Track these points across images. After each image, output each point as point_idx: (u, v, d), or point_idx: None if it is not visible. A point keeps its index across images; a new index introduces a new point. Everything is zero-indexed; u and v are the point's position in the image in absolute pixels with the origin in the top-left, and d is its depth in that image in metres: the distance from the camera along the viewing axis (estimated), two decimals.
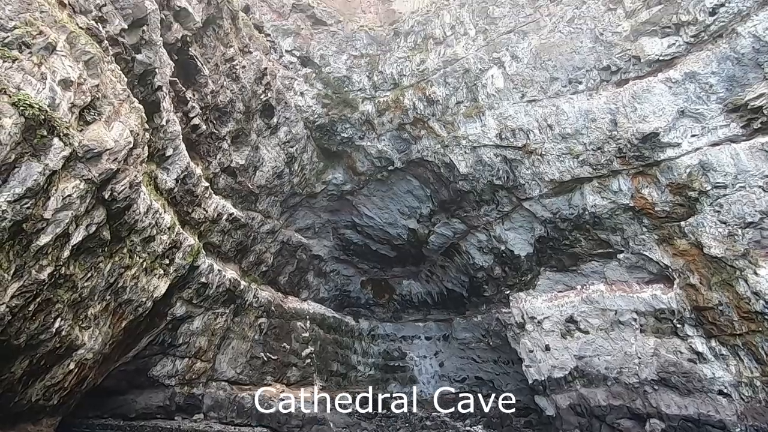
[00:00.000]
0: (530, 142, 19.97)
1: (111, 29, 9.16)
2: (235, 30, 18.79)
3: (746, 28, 13.42)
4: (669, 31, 15.42)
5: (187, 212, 18.57)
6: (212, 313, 23.50)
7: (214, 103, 18.06)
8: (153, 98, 12.06)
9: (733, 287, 14.48)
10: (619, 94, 16.89)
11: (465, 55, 22.55)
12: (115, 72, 9.11)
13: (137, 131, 9.74)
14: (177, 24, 13.11)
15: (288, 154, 25.60)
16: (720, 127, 14.38)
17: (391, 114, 25.49)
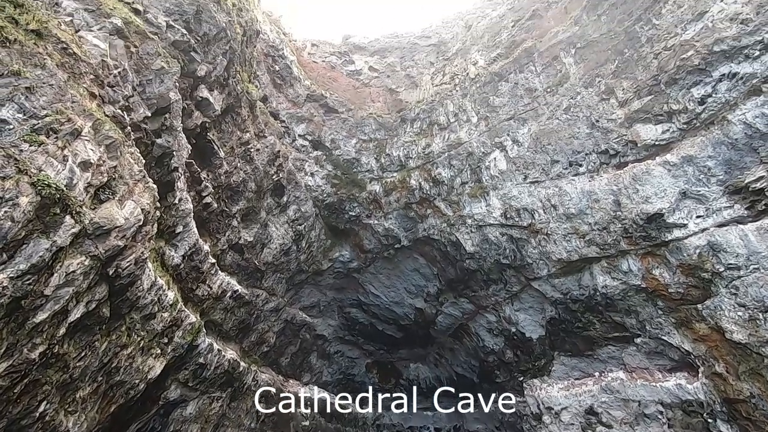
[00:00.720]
0: (535, 221, 20.12)
1: (135, 116, 9.91)
2: (252, 117, 20.18)
3: (736, 115, 14.05)
4: (662, 119, 16.19)
5: (191, 289, 18.43)
6: (208, 398, 22.20)
7: (227, 183, 18.79)
8: (168, 178, 12.62)
9: (764, 377, 13.44)
10: (620, 176, 17.29)
11: (468, 139, 23.70)
12: (134, 155, 9.67)
13: (148, 209, 10.06)
14: (198, 112, 14.18)
15: (296, 232, 25.99)
16: (724, 209, 14.43)
17: (398, 194, 26.22)
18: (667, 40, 16.11)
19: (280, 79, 25.25)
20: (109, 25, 8.93)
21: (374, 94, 29.18)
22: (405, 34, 31.31)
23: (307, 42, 29.65)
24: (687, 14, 15.65)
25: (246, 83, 18.69)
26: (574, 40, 20.39)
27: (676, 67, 15.55)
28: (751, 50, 13.59)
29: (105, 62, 8.61)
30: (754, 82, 13.62)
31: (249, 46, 18.66)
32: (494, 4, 28.70)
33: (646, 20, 17.22)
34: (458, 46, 28.34)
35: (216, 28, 13.52)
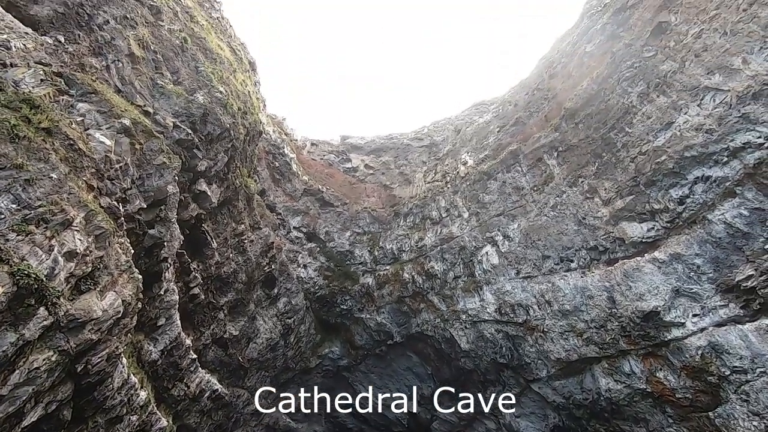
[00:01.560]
0: (531, 318, 19.61)
1: (131, 208, 10.14)
2: (249, 209, 20.69)
3: (716, 216, 14.54)
4: (645, 217, 16.71)
5: (166, 388, 17.11)
6: None
7: (218, 274, 18.57)
8: (156, 269, 12.48)
9: None
10: (612, 272, 17.30)
11: (460, 233, 24.12)
12: (123, 245, 9.68)
13: (130, 301, 9.76)
14: (195, 204, 14.56)
15: (285, 325, 25.06)
16: (720, 307, 14.21)
17: (391, 287, 25.89)
18: (641, 146, 17.31)
19: (279, 174, 26.43)
20: (117, 124, 9.59)
21: (369, 189, 30.37)
22: (399, 135, 33.64)
23: (307, 141, 31.66)
24: (656, 124, 17.05)
25: (245, 178, 19.49)
26: (555, 144, 21.87)
27: (652, 170, 16.50)
28: (719, 156, 14.56)
29: (108, 157, 9.07)
30: (727, 185, 14.35)
31: (251, 145, 19.84)
32: (480, 111, 31.36)
33: (619, 128, 18.68)
34: (449, 147, 30.28)
35: (220, 128, 14.53)
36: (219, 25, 19.86)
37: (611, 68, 19.58)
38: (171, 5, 14.53)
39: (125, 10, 12.18)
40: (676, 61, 16.54)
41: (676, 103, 16.24)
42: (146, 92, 11.79)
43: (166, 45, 13.17)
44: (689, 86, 15.88)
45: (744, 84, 14.06)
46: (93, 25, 10.82)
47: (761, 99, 13.67)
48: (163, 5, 14.22)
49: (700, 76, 15.45)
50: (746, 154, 13.86)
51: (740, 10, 14.63)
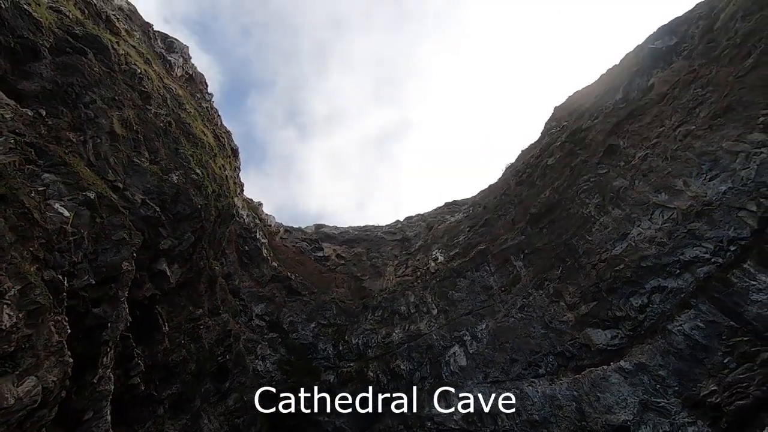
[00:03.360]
0: (498, 428, 18.36)
1: (77, 283, 9.53)
2: (210, 293, 19.82)
3: (674, 326, 14.78)
4: (609, 324, 16.82)
5: None
6: None
7: (164, 362, 17.05)
8: (94, 352, 11.37)
9: None
10: (579, 381, 16.82)
11: (428, 331, 23.48)
12: (59, 323, 8.90)
13: (52, 389, 8.68)
14: (150, 284, 13.86)
15: (232, 426, 22.50)
16: (688, 425, 13.71)
17: (353, 386, 24.19)
18: (601, 254, 18.09)
19: (248, 259, 25.93)
20: (81, 197, 9.45)
21: (339, 279, 29.92)
22: (373, 228, 34.26)
23: (281, 227, 31.77)
24: (613, 234, 18.05)
25: (211, 260, 19.00)
26: (522, 247, 22.63)
27: (612, 277, 17.05)
28: (671, 268, 15.27)
29: (63, 229, 8.76)
30: (682, 296, 14.85)
31: (221, 227, 19.71)
32: (452, 211, 32.69)
33: (580, 236, 19.65)
34: (420, 242, 30.85)
35: (191, 209, 14.49)
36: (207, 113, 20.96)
37: (570, 180, 21.20)
38: (162, 92, 15.40)
39: (115, 93, 12.79)
40: (627, 179, 18.12)
41: (630, 216, 17.42)
42: (120, 168, 11.87)
43: (149, 127, 13.66)
44: (640, 201, 17.20)
45: (687, 203, 15.34)
46: (79, 103, 11.23)
47: (704, 218, 14.84)
48: (154, 92, 15.06)
49: (649, 194, 16.84)
50: (696, 267, 14.60)
51: (677, 140, 16.57)
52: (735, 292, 13.38)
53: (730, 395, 13.07)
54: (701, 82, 16.72)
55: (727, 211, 14.21)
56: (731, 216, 14.17)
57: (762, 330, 12.82)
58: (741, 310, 13.16)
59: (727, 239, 14.13)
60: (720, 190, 14.54)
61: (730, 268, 13.68)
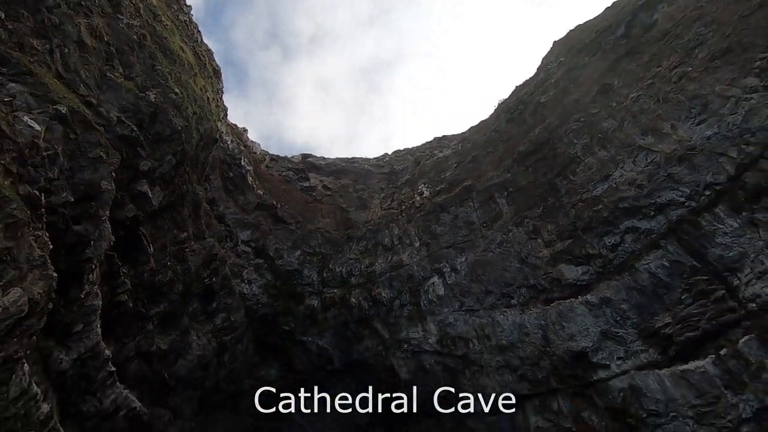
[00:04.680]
0: (470, 351, 19.80)
1: (55, 200, 9.44)
2: (195, 217, 19.90)
3: (642, 265, 15.57)
4: (581, 261, 17.61)
5: (75, 403, 15.59)
6: None
7: (151, 282, 17.53)
8: (78, 269, 11.58)
9: None
10: (548, 311, 17.93)
11: (410, 262, 24.31)
12: (40, 238, 8.94)
13: (38, 300, 8.94)
14: (132, 205, 13.80)
15: (220, 343, 23.78)
16: (641, 352, 14.99)
17: (336, 311, 25.43)
18: (582, 194, 18.44)
19: (233, 186, 25.77)
20: (52, 110, 9.03)
21: (325, 210, 30.17)
22: (361, 160, 33.97)
23: (267, 155, 31.27)
24: (596, 175, 18.28)
25: (194, 184, 18.85)
26: (506, 185, 22.86)
27: (589, 217, 17.55)
28: (647, 210, 15.74)
29: (35, 143, 8.47)
30: (653, 237, 15.47)
31: (204, 151, 19.31)
32: (441, 146, 32.39)
33: (564, 176, 19.85)
34: (407, 177, 30.87)
35: (170, 130, 14.05)
36: (185, 28, 19.57)
37: (561, 119, 20.95)
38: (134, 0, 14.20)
39: None
40: (616, 120, 17.98)
41: (614, 158, 17.53)
42: (92, 83, 11.26)
43: (121, 39, 12.76)
44: (626, 144, 17.23)
45: (671, 147, 15.44)
46: (41, 6, 10.31)
47: (685, 162, 15.03)
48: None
49: (635, 136, 16.84)
50: (670, 210, 15.07)
51: (671, 81, 16.25)
52: (702, 234, 13.99)
53: (682, 327, 14.18)
54: (705, 20, 16.07)
55: (709, 157, 14.39)
56: (712, 161, 14.38)
57: (721, 270, 13.61)
58: (705, 251, 13.85)
59: (704, 184, 14.46)
60: (705, 135, 14.60)
61: (702, 211, 14.16)
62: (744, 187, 13.49)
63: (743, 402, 12.60)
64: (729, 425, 12.90)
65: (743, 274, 13.16)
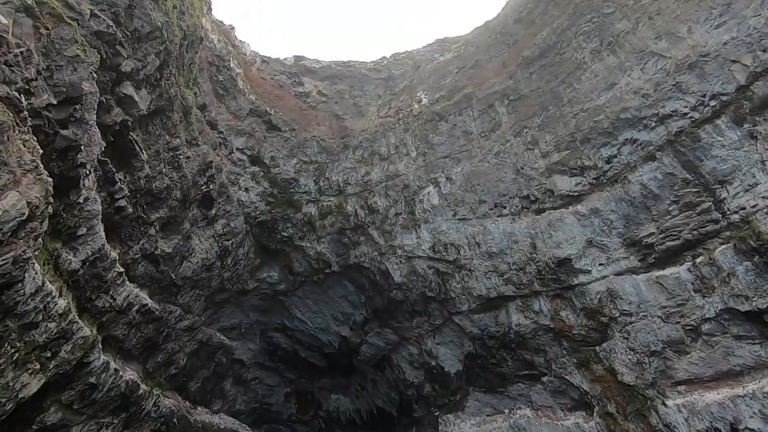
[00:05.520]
0: (461, 257, 20.80)
1: (36, 102, 9.10)
2: (186, 123, 19.40)
3: (635, 176, 15.69)
4: (575, 172, 17.69)
5: (89, 298, 16.74)
6: (95, 423, 19.82)
7: (148, 188, 17.68)
8: (72, 174, 11.60)
9: (647, 418, 14.49)
10: (538, 221, 18.48)
11: (405, 172, 24.36)
12: (28, 142, 8.82)
13: (37, 204, 9.11)
14: (119, 109, 13.35)
15: (222, 247, 24.80)
16: (622, 259, 15.82)
17: (333, 218, 26.09)
18: (584, 103, 17.86)
19: (223, 90, 24.69)
20: (16, 1, 8.26)
21: (320, 117, 29.34)
22: (357, 64, 32.14)
23: (257, 57, 29.48)
24: (601, 83, 17.53)
25: (182, 87, 18.04)
26: (508, 92, 22.01)
27: (589, 127, 17.21)
28: (648, 121, 15.39)
29: (5, 38, 7.90)
30: (650, 149, 15.37)
31: (189, 51, 18.14)
32: (442, 49, 30.44)
33: (568, 83, 19.03)
34: (406, 83, 29.52)
35: (150, 26, 13.02)
36: None
37: (572, 20, 19.48)
38: None
39: None
40: (631, 21, 16.72)
41: (623, 64, 16.67)
42: None
43: None
44: (637, 48, 16.24)
45: (684, 53, 14.60)
46: None
47: (695, 70, 14.34)
48: None
49: (648, 40, 15.80)
50: (671, 121, 14.76)
51: None
52: (700, 147, 13.90)
53: (665, 237, 14.79)
54: None
55: (721, 64, 13.69)
56: (723, 69, 13.72)
57: (711, 183, 13.79)
58: (699, 163, 13.89)
59: (710, 94, 13.97)
60: (721, 40, 13.72)
61: (703, 123, 13.90)
62: (751, 98, 13.07)
63: (709, 304, 13.68)
64: (692, 324, 14.17)
65: (732, 186, 13.37)
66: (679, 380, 14.44)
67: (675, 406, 14.01)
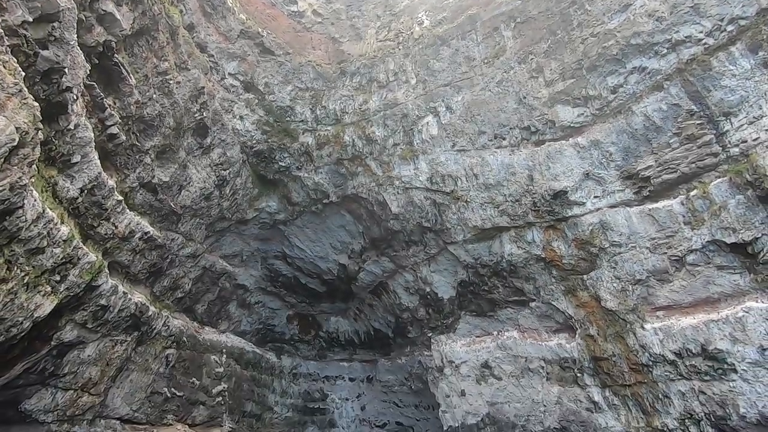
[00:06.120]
0: (457, 188, 20.89)
1: (11, 19, 8.53)
2: (174, 45, 18.40)
3: (639, 107, 15.28)
4: (579, 102, 17.18)
5: (91, 225, 17.07)
6: (110, 340, 21.23)
7: (139, 115, 17.24)
8: (59, 99, 11.23)
9: (624, 339, 15.56)
10: (537, 152, 18.31)
11: (405, 101, 23.60)
12: (8, 63, 8.42)
13: (26, 129, 8.94)
14: (101, 28, 12.55)
15: (220, 177, 24.76)
16: (617, 191, 15.94)
17: (331, 148, 25.76)
18: (595, 27, 16.84)
19: (211, 8, 23.06)
20: None
21: (315, 40, 27.74)
22: None
23: None
24: (615, 5, 16.39)
25: (166, 4, 16.85)
26: (515, 14, 20.64)
27: (597, 54, 16.40)
28: (660, 47, 14.64)
29: None
30: (658, 78, 14.80)
31: None
32: None
33: (580, 4, 17.79)
34: (406, 2, 27.54)
35: None
36: None
37: None
38: None
39: None
40: None
41: None
42: None
43: None
44: None
45: None
46: None
47: None
48: None
49: None
50: (684, 48, 14.06)
51: None
52: (710, 76, 13.37)
53: (662, 170, 14.79)
54: None
55: None
56: None
57: (717, 115, 13.49)
58: (707, 94, 13.46)
59: (729, 18, 13.14)
60: None
61: (717, 51, 13.24)
62: None
63: (696, 236, 14.05)
64: (678, 254, 14.67)
65: (737, 119, 13.09)
66: (659, 306, 15.30)
67: (652, 329, 15.00)
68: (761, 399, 12.86)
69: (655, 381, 15.15)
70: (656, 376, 15.11)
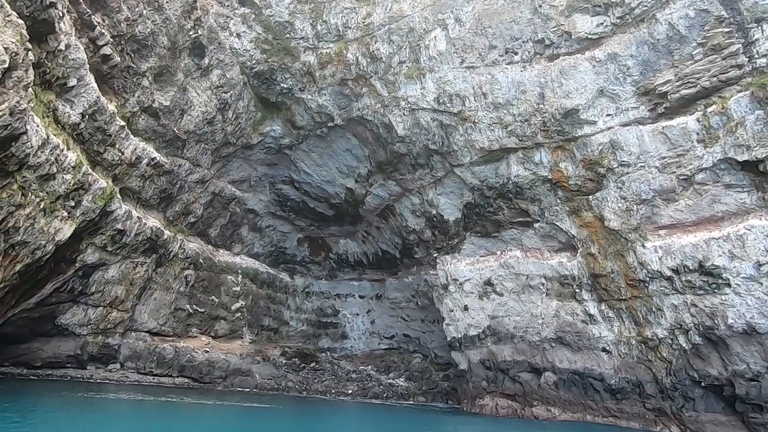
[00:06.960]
0: (465, 108, 20.23)
1: None
2: None
3: (664, 14, 14.10)
4: (599, 10, 15.87)
5: (98, 152, 17.16)
6: (131, 262, 22.42)
7: (131, 33, 16.44)
8: (44, 16, 10.67)
9: (624, 257, 15.99)
10: (549, 68, 17.37)
11: (411, 12, 21.97)
12: None
13: (15, 50, 8.63)
14: None
15: (221, 100, 24.15)
16: (631, 109, 15.33)
17: (334, 68, 24.61)
18: None
19: None
20: None
21: None
22: None
23: None
24: None
25: None
26: None
27: None
28: None
29: None
30: None
31: None
32: None
33: None
34: None
35: None
36: None
37: None
38: None
39: None
40: None
41: None
42: None
43: None
44: None
45: None
46: None
47: None
48: None
49: None
50: None
51: None
52: None
53: (681, 84, 14.06)
54: None
55: None
56: None
57: (748, 21, 12.48)
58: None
59: None
60: None
61: None
62: None
63: (708, 154, 13.76)
64: (687, 173, 14.49)
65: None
66: (662, 225, 15.47)
67: (652, 247, 15.32)
68: (750, 311, 13.49)
69: (650, 295, 15.83)
70: (652, 291, 15.76)
